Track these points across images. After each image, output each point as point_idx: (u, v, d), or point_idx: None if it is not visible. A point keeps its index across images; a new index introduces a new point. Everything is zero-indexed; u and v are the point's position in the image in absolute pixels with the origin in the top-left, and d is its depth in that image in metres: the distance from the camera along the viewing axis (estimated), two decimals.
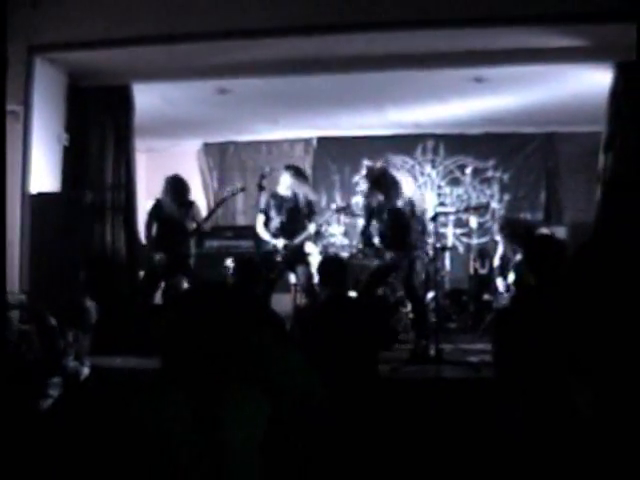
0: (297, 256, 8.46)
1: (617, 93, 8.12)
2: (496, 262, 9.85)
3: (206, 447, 2.55)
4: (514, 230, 9.86)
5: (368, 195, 8.57)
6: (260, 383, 2.79)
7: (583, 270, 2.32)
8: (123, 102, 8.98)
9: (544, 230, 9.46)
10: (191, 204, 8.71)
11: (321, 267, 6.23)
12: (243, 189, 9.61)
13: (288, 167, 8.78)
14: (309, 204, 8.69)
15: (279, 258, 8.30)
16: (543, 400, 2.27)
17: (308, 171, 12.62)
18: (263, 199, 8.68)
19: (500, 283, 9.56)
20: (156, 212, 8.60)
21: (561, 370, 2.27)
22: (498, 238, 10.12)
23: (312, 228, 8.47)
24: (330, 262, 6.43)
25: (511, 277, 9.29)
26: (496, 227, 11.09)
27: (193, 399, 2.59)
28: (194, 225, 8.62)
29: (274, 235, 8.43)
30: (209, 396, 2.60)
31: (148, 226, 8.62)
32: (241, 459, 2.60)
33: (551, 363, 2.51)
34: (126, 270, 8.93)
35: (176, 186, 8.63)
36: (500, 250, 9.84)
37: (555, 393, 2.23)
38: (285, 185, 8.50)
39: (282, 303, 8.33)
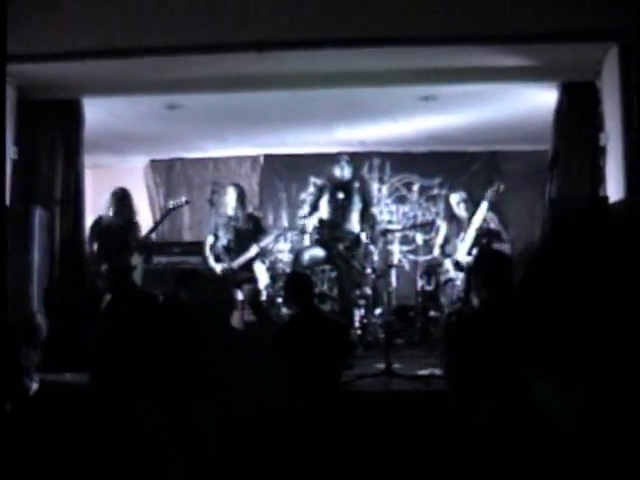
0: (242, 275, 8.57)
1: (561, 113, 8.30)
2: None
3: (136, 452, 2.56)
4: None
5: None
6: (212, 389, 2.81)
7: (536, 281, 2.40)
8: (73, 116, 8.89)
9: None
10: (136, 224, 8.87)
11: (289, 284, 6.32)
12: (187, 202, 9.63)
13: (235, 185, 8.92)
14: (256, 222, 8.82)
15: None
16: (506, 400, 2.34)
17: (255, 189, 12.67)
18: (213, 219, 8.82)
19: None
20: (96, 229, 8.76)
21: (520, 369, 2.35)
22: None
23: (254, 251, 8.59)
24: (297, 278, 6.53)
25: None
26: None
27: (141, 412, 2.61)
28: (138, 240, 8.77)
29: (217, 257, 8.59)
30: (154, 407, 2.61)
31: (89, 244, 8.74)
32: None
33: (510, 365, 2.58)
34: (75, 285, 8.86)
35: (123, 198, 8.72)
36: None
37: (517, 392, 2.30)
38: (231, 204, 8.64)
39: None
